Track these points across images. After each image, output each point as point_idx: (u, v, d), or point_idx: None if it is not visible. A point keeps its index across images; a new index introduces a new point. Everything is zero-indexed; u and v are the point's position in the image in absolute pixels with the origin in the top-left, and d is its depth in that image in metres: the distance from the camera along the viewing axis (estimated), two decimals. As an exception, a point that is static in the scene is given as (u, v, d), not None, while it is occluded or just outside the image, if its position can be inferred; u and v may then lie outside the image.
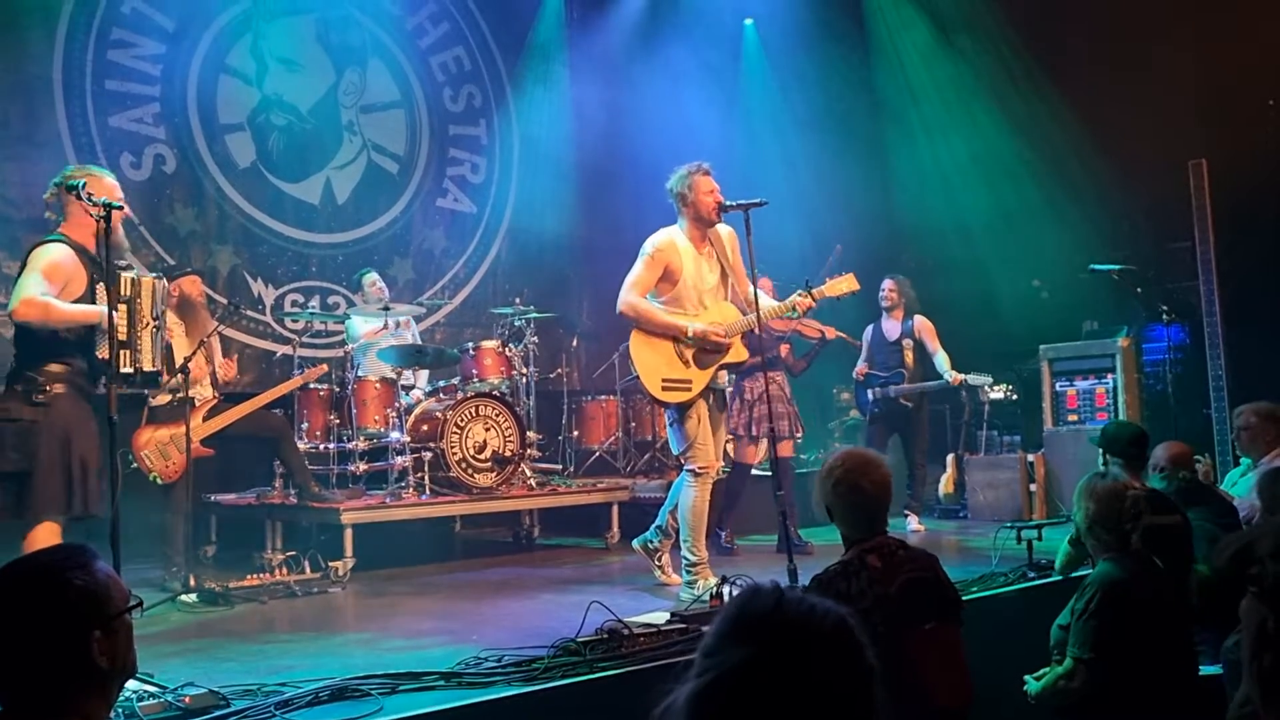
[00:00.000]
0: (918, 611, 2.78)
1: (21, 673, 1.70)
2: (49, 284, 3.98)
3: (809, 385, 7.78)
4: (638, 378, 4.96)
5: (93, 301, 4.06)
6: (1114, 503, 3.29)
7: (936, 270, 9.01)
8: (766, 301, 4.92)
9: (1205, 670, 3.47)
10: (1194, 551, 3.78)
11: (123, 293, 4.04)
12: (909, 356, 7.19)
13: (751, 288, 4.85)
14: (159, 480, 5.55)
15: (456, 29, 8.91)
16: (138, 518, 4.99)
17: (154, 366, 4.17)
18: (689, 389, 4.83)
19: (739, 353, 4.96)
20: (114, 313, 3.92)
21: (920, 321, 7.25)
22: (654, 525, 5.24)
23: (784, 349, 6.78)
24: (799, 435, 6.53)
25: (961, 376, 7.01)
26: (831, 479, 2.93)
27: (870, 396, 7.30)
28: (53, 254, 4.05)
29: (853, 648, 1.17)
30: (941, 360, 7.10)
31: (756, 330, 4.80)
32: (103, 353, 4.03)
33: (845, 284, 5.19)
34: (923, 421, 7.29)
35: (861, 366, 7.42)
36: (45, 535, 3.95)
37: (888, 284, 7.36)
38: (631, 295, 4.86)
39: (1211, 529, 4.10)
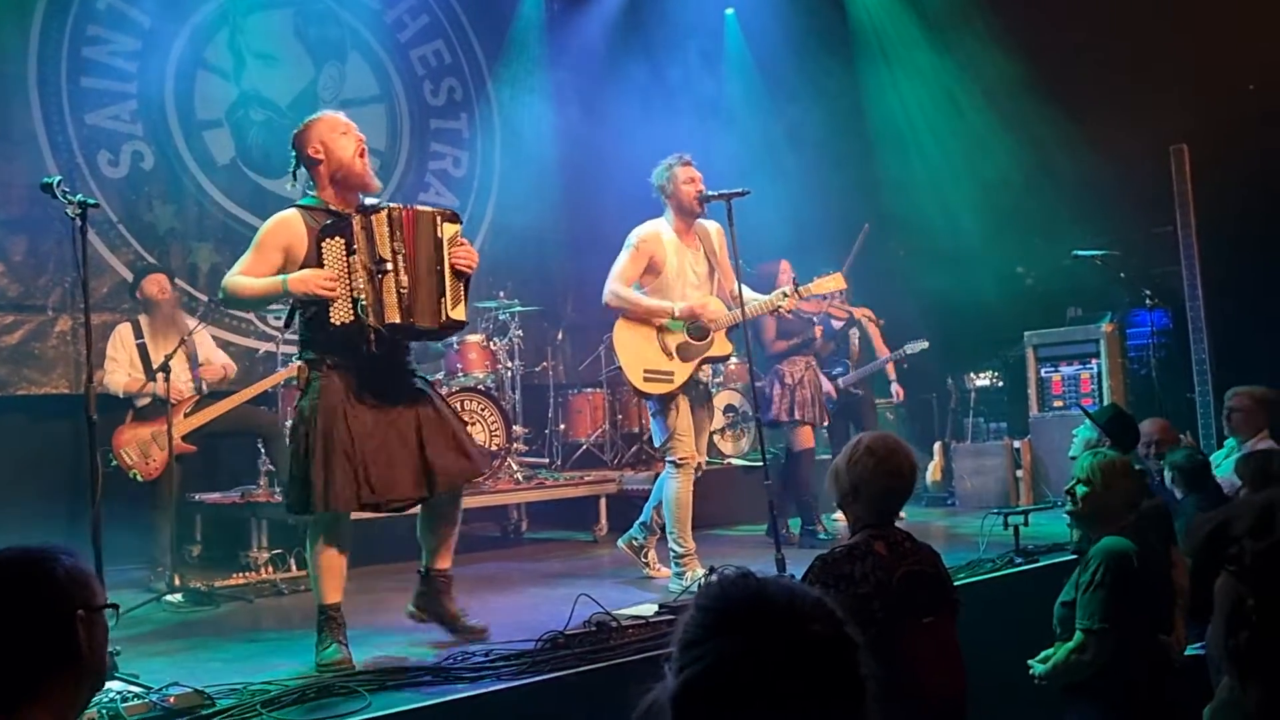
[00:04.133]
0: (915, 604, 2.78)
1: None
2: (255, 259, 3.67)
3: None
4: (620, 368, 4.97)
5: (320, 265, 3.60)
6: (1134, 480, 3.34)
7: (921, 258, 9.02)
8: (750, 295, 4.93)
9: (1190, 651, 3.49)
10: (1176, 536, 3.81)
11: (353, 246, 3.65)
12: (854, 346, 7.30)
13: (737, 283, 4.87)
14: (139, 477, 5.53)
15: (436, 22, 8.84)
16: (121, 518, 4.95)
17: (397, 318, 3.66)
18: (671, 380, 4.84)
19: (722, 346, 4.99)
20: (350, 271, 3.63)
21: (863, 311, 7.35)
22: (638, 522, 5.25)
23: (818, 331, 6.76)
24: (825, 423, 6.61)
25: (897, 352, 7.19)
26: (854, 455, 2.90)
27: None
28: (268, 224, 3.75)
29: (836, 621, 1.17)
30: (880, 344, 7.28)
31: (745, 315, 4.82)
32: (335, 316, 3.60)
33: (832, 282, 5.22)
34: (870, 404, 7.39)
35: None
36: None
37: None
38: (616, 285, 4.89)
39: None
